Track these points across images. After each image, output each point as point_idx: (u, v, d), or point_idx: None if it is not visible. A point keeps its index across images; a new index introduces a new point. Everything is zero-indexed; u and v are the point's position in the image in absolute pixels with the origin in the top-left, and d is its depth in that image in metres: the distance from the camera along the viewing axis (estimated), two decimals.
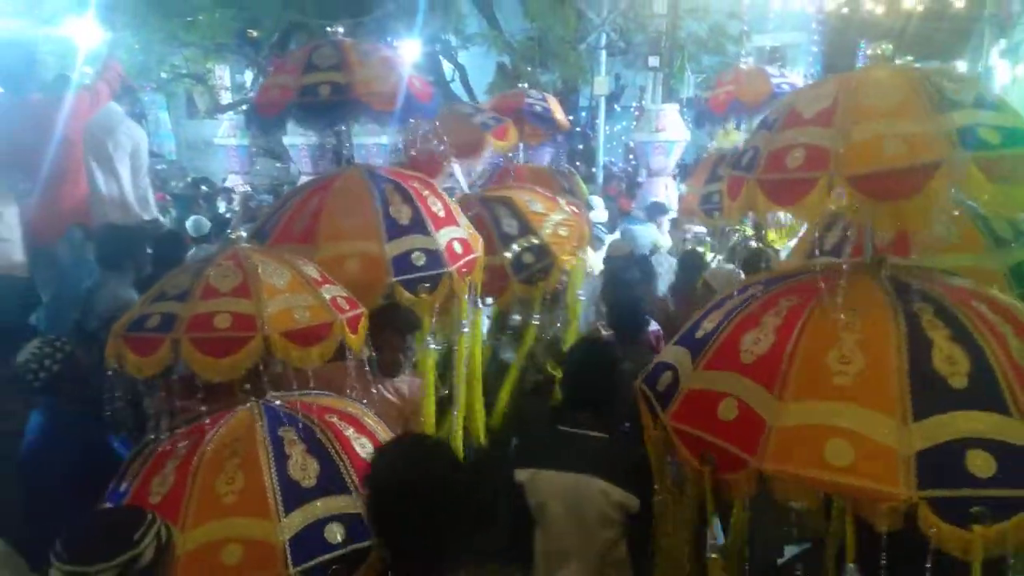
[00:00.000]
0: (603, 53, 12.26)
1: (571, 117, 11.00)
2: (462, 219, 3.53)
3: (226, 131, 12.76)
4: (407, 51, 12.81)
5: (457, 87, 14.25)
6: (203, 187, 12.34)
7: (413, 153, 4.28)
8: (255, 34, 13.47)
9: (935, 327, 1.74)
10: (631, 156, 15.23)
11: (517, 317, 4.14)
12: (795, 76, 6.34)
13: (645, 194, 11.01)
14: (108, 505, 2.12)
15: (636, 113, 14.56)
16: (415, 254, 3.17)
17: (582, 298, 4.27)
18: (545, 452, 2.55)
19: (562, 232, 4.09)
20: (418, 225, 3.25)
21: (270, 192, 11.60)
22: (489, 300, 3.93)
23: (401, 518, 1.69)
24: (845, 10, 10.79)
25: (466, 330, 3.56)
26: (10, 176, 3.99)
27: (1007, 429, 1.61)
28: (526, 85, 5.87)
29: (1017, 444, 1.59)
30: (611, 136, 15.01)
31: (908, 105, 1.79)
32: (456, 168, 4.43)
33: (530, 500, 2.52)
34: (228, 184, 12.32)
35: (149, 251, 4.28)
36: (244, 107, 13.93)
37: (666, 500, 2.10)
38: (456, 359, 3.53)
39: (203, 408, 2.20)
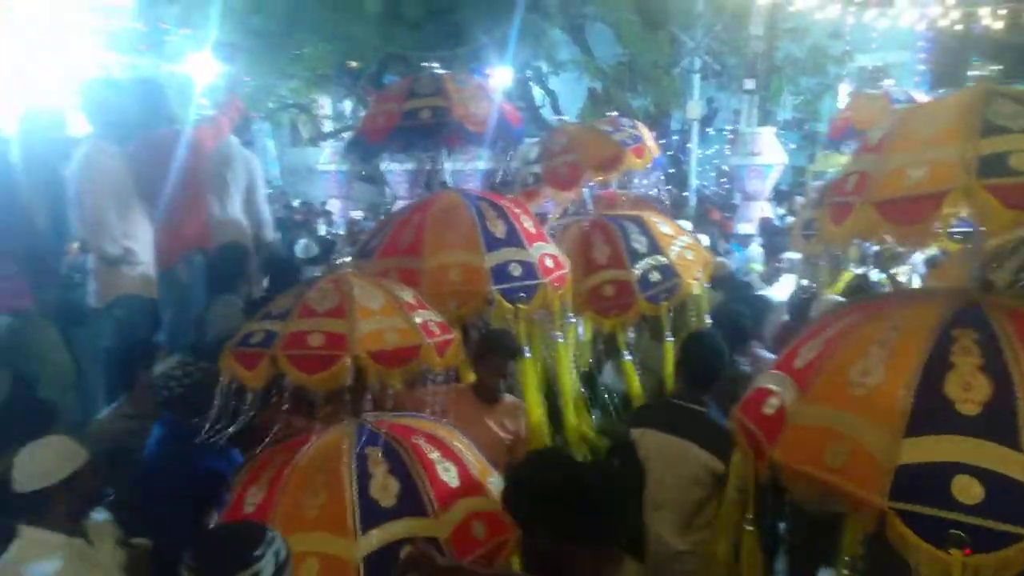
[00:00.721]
0: (696, 76, 12.12)
1: (663, 141, 10.94)
2: (548, 238, 3.67)
3: (327, 157, 13.34)
4: (499, 78, 13.10)
5: (548, 112, 14.41)
6: (301, 211, 12.93)
7: (552, 163, 4.32)
8: (354, 65, 14.07)
9: (967, 353, 1.75)
10: (724, 180, 14.95)
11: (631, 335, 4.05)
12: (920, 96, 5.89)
13: (740, 219, 10.77)
14: (217, 514, 2.23)
15: (730, 137, 14.30)
16: (512, 265, 3.30)
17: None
18: (656, 417, 3.06)
19: (688, 256, 4.06)
20: (513, 238, 3.39)
21: (369, 214, 12.03)
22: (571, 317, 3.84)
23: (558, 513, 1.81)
24: (959, 27, 10.24)
25: (560, 339, 3.60)
26: (143, 203, 4.28)
27: (1009, 462, 1.59)
28: (615, 113, 5.81)
29: (1015, 478, 1.58)
30: (703, 160, 14.78)
31: (950, 131, 1.87)
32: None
33: (640, 453, 2.98)
34: (328, 207, 12.85)
35: (264, 273, 4.51)
36: (344, 134, 14.57)
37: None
38: (557, 371, 3.61)
39: (304, 423, 2.32)
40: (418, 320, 2.26)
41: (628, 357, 3.97)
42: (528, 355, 3.41)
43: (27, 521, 2.24)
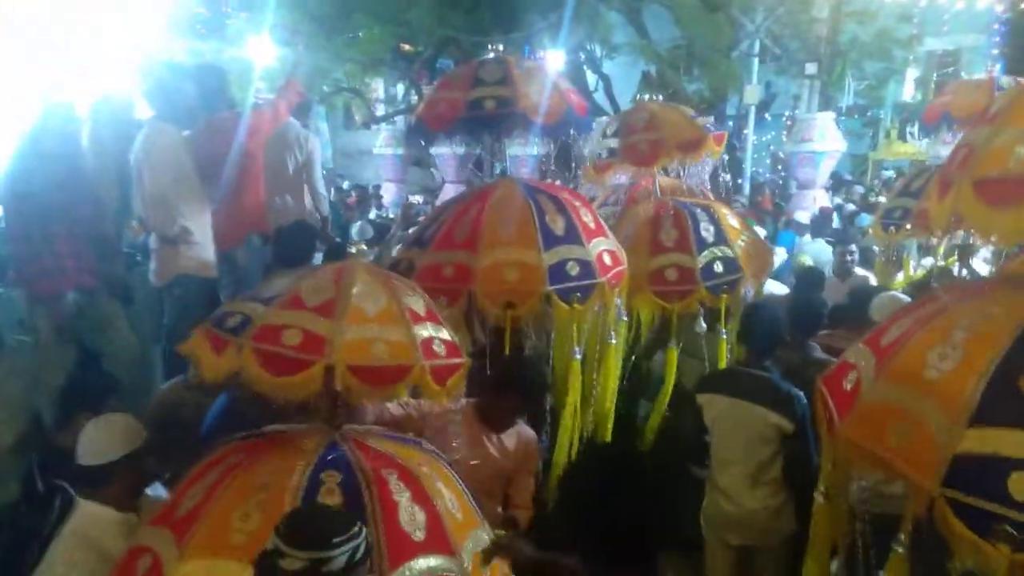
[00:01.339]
0: (755, 61, 11.80)
1: (718, 126, 10.70)
2: (609, 231, 3.55)
3: (383, 141, 13.40)
4: (552, 61, 12.99)
5: (600, 97, 14.23)
6: (353, 193, 13.07)
7: (632, 139, 4.27)
8: (408, 49, 14.14)
9: None
10: (779, 167, 14.58)
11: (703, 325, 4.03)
12: None
13: (794, 207, 10.49)
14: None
15: (787, 123, 13.91)
16: (569, 263, 3.20)
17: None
18: (722, 383, 3.30)
19: (751, 251, 4.02)
20: (572, 235, 3.29)
21: (427, 198, 12.09)
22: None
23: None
24: None
25: (613, 341, 3.55)
26: (203, 186, 4.38)
27: None
28: (658, 98, 5.66)
29: None
30: (759, 146, 14.43)
31: None
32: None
33: (706, 418, 3.24)
34: (382, 191, 12.96)
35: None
36: (397, 118, 14.70)
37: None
38: (601, 370, 3.53)
39: (273, 425, 2.01)
40: (422, 335, 1.93)
41: (673, 346, 3.95)
42: (579, 356, 3.34)
43: (84, 495, 2.32)
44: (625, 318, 3.77)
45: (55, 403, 3.19)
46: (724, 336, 3.92)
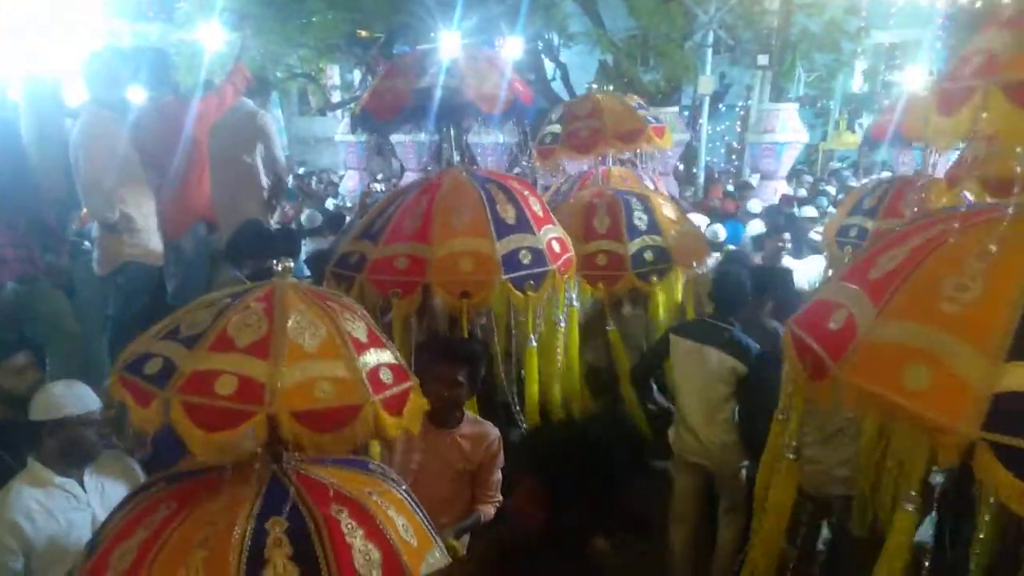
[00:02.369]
0: (709, 51, 11.96)
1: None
2: (555, 219, 3.60)
3: (345, 128, 13.13)
4: (509, 49, 12.97)
5: (558, 86, 14.28)
6: (306, 180, 12.87)
7: (574, 126, 4.38)
8: (364, 34, 13.97)
9: None
10: (734, 157, 14.83)
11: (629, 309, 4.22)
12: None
13: (756, 198, 10.61)
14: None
15: (741, 113, 14.15)
16: (522, 252, 3.24)
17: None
18: (690, 328, 3.66)
19: (685, 242, 4.14)
20: (523, 224, 3.31)
21: (388, 186, 11.96)
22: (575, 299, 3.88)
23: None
24: (978, 3, 10.06)
25: (563, 326, 3.61)
26: (146, 172, 4.30)
27: None
28: (609, 88, 5.74)
29: None
30: (714, 136, 14.65)
31: None
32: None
33: (672, 356, 3.64)
34: (344, 178, 12.77)
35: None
36: (353, 105, 14.49)
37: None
38: (550, 356, 3.58)
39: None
40: (367, 364, 1.74)
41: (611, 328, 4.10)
42: (534, 344, 3.39)
43: (34, 455, 2.44)
44: (575, 304, 3.84)
45: None
46: (653, 323, 4.09)
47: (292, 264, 1.84)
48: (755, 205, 8.76)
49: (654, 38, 11.85)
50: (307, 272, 4.99)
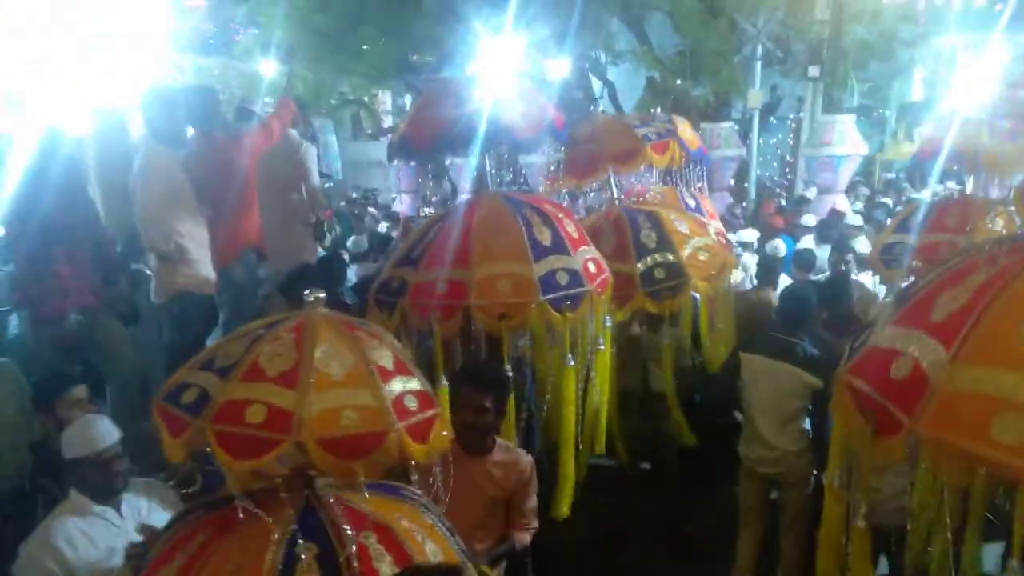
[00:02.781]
0: (758, 64, 11.80)
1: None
2: (590, 240, 3.62)
3: None
4: (557, 68, 13.07)
5: (606, 103, 14.30)
6: (358, 204, 13.09)
7: (575, 152, 4.48)
8: (415, 59, 14.27)
9: None
10: (787, 170, 14.53)
11: (637, 329, 4.23)
12: None
13: (814, 212, 10.26)
14: None
15: (793, 125, 13.88)
16: (559, 273, 3.26)
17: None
18: (760, 346, 3.78)
19: (702, 256, 4.08)
20: (559, 245, 3.34)
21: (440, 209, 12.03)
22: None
23: None
24: None
25: (601, 347, 3.60)
26: (199, 204, 4.50)
27: None
28: (655, 111, 5.75)
29: None
30: (766, 149, 14.41)
31: None
32: (611, 175, 4.51)
33: (744, 374, 3.77)
34: (399, 201, 12.89)
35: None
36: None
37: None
38: (595, 378, 3.59)
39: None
40: (393, 392, 1.79)
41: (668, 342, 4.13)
42: (572, 363, 3.39)
43: (75, 487, 2.61)
44: (609, 324, 3.84)
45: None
46: (667, 342, 4.08)
47: (324, 295, 1.93)
48: (809, 220, 8.57)
49: (701, 54, 11.74)
50: (351, 297, 5.13)
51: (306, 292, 1.92)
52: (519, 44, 12.10)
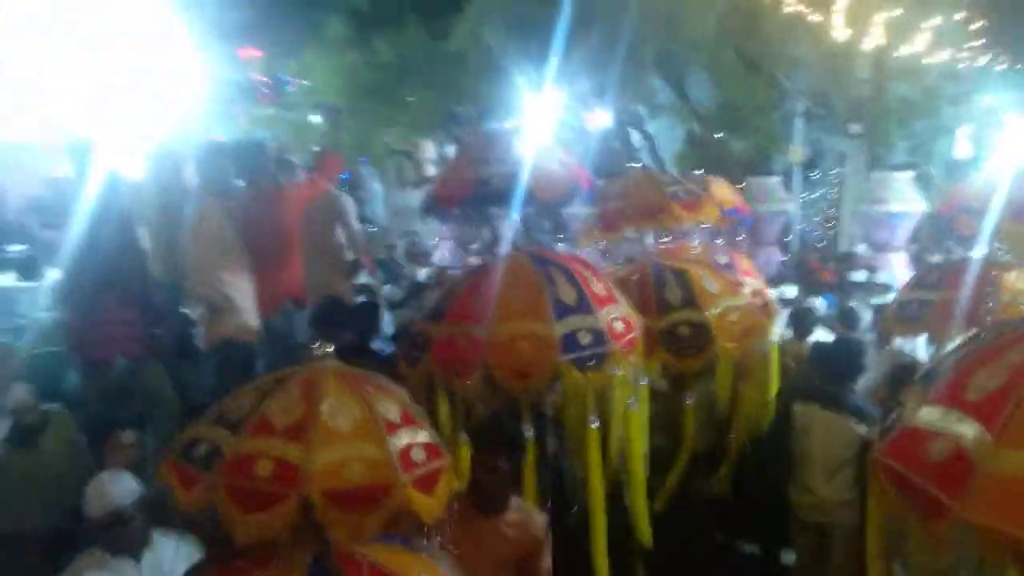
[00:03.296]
0: (800, 119, 11.81)
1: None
2: (622, 298, 3.61)
3: None
4: (597, 119, 13.25)
5: (646, 156, 14.40)
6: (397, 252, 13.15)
7: (604, 207, 4.62)
8: (459, 111, 14.63)
9: None
10: (829, 224, 14.36)
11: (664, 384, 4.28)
12: None
13: (860, 270, 9.95)
14: None
15: (836, 181, 13.76)
16: (580, 333, 3.26)
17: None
18: (808, 397, 4.01)
19: (732, 317, 4.06)
20: (583, 305, 3.35)
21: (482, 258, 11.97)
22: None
23: None
24: None
25: (635, 407, 3.59)
26: (245, 257, 4.66)
27: None
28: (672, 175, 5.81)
29: None
30: (806, 204, 14.29)
31: None
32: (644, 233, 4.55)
33: (796, 424, 3.98)
34: (440, 249, 12.92)
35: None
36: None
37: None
38: (628, 439, 3.57)
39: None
40: (399, 445, 1.81)
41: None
42: (595, 425, 3.36)
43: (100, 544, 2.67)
44: (645, 382, 3.82)
45: None
46: (689, 401, 4.08)
47: (331, 348, 1.98)
48: (860, 276, 8.42)
49: (741, 108, 11.79)
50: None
51: (315, 344, 1.96)
52: (560, 97, 12.35)
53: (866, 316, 6.41)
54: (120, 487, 2.66)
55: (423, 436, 1.90)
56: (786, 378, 4.46)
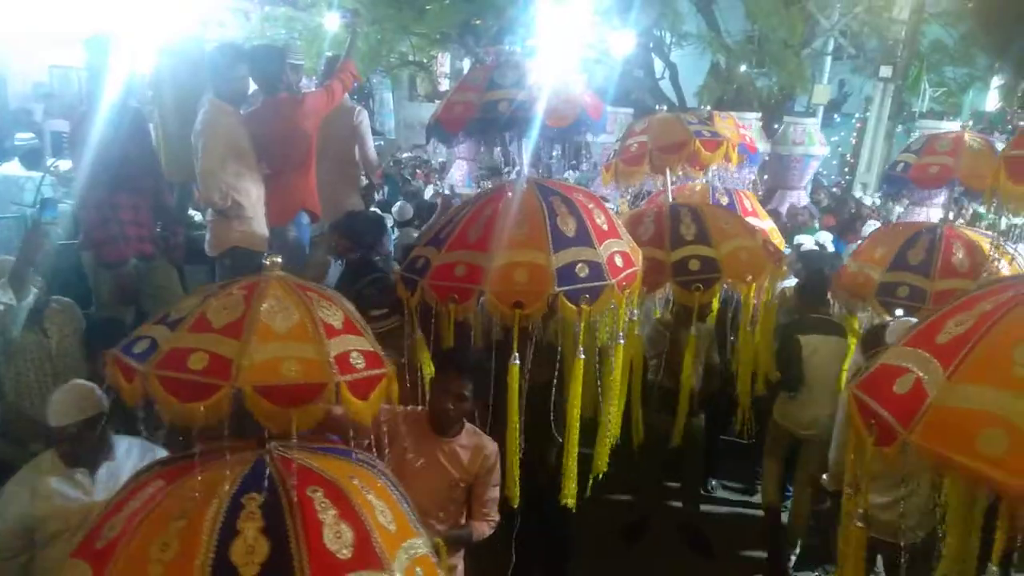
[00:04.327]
0: (828, 59, 11.45)
1: (779, 126, 10.46)
2: (624, 233, 3.55)
3: None
4: (620, 43, 12.82)
5: (666, 85, 14.04)
6: (419, 170, 13.08)
7: (628, 142, 4.61)
8: (478, 22, 14.15)
9: None
10: (846, 170, 14.14)
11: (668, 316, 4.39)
12: None
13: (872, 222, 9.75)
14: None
15: (858, 125, 13.46)
16: (579, 265, 3.19)
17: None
18: (812, 326, 4.33)
19: (741, 256, 4.07)
20: (583, 237, 3.28)
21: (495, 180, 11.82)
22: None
23: None
24: None
25: (622, 341, 3.56)
26: (258, 163, 4.57)
27: None
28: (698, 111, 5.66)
29: None
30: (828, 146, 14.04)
31: None
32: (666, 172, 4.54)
33: (805, 350, 4.23)
34: (453, 168, 12.75)
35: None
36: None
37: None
38: (608, 371, 3.56)
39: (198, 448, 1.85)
40: (335, 350, 1.84)
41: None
42: (581, 357, 3.31)
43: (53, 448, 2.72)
44: (635, 318, 3.83)
45: None
46: (692, 333, 4.16)
47: (280, 260, 1.98)
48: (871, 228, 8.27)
49: (770, 44, 11.40)
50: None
51: (265, 261, 1.97)
52: (583, 13, 11.90)
53: None
54: (82, 402, 2.66)
55: (364, 343, 1.94)
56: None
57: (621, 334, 3.52)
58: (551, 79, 3.56)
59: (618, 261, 3.34)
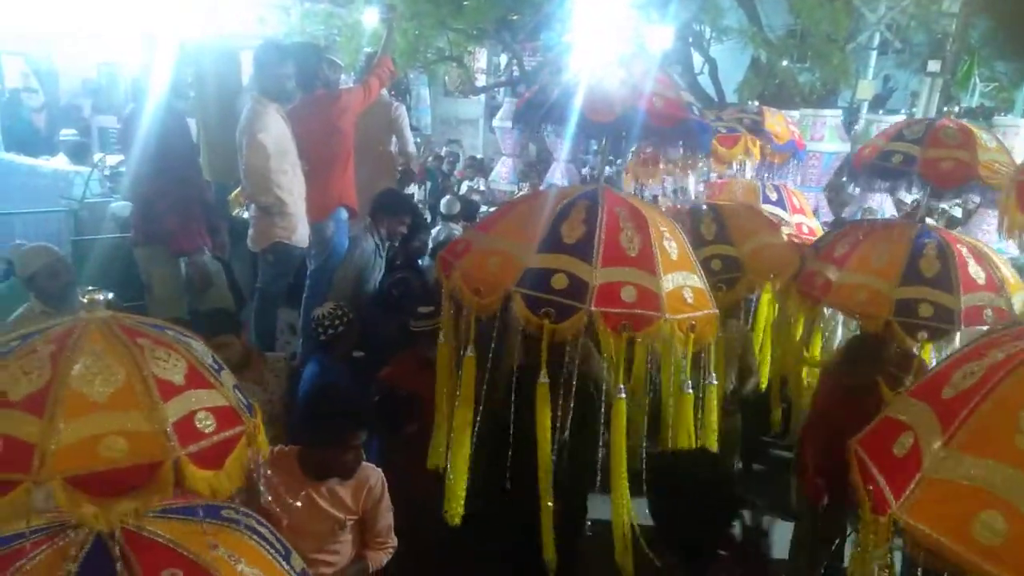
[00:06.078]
0: (873, 54, 11.18)
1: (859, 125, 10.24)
2: (656, 267, 2.91)
3: (504, 114, 12.76)
4: (658, 38, 12.65)
5: (705, 80, 13.84)
6: (444, 161, 13.04)
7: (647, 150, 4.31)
8: (515, 18, 14.13)
9: None
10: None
11: None
12: None
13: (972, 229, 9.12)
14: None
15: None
16: (556, 275, 2.77)
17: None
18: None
19: (765, 254, 3.99)
20: (582, 248, 2.83)
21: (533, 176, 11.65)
22: None
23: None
24: None
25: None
26: (299, 161, 4.63)
27: None
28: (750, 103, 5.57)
29: None
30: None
31: None
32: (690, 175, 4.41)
33: None
34: (499, 164, 12.62)
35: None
36: (495, 90, 14.69)
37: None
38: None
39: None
40: (175, 414, 1.46)
41: None
42: (544, 380, 2.83)
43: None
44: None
45: None
46: (720, 334, 3.69)
47: (100, 297, 1.57)
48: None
49: (814, 37, 11.16)
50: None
51: (83, 298, 1.56)
52: (620, 8, 11.77)
53: None
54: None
55: (215, 398, 1.55)
56: None
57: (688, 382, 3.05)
58: (595, 70, 3.27)
59: (627, 294, 2.81)
